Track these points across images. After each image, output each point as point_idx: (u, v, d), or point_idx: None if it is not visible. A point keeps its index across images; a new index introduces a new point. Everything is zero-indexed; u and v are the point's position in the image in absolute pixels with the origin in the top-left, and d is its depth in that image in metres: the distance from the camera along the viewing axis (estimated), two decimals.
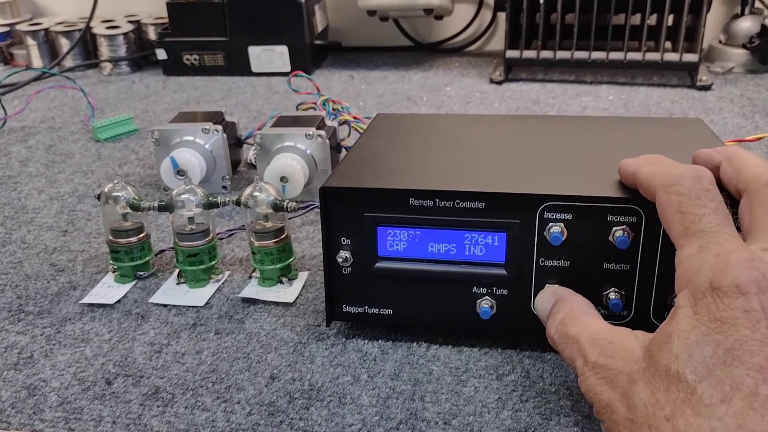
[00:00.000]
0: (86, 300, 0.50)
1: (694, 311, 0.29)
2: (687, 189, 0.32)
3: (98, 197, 0.52)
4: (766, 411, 0.26)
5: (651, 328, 0.32)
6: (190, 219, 0.51)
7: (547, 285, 0.40)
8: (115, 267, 0.52)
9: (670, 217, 0.32)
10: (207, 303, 0.49)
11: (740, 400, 0.26)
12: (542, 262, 0.40)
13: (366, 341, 0.44)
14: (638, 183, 0.36)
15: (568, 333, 0.35)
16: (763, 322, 0.27)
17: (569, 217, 0.38)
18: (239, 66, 1.13)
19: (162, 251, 0.56)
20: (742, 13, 1.08)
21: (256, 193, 0.49)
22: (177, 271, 0.52)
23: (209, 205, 0.51)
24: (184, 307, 0.49)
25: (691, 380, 0.27)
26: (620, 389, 0.30)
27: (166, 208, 0.50)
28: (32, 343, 0.45)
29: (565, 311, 0.36)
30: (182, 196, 0.50)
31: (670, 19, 1.01)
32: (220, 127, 0.66)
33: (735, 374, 0.26)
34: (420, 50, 1.26)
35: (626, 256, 0.38)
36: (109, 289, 0.51)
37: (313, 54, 1.15)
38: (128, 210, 0.51)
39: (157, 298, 0.50)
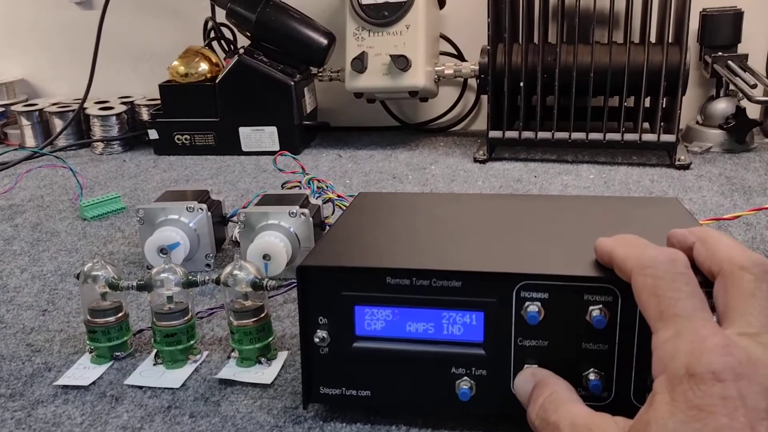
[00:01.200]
0: (60, 382, 0.49)
1: (671, 397, 0.28)
2: (662, 272, 0.32)
3: (77, 276, 0.51)
4: None
5: (632, 409, 0.32)
6: (169, 298, 0.50)
7: (525, 366, 0.39)
8: (92, 347, 0.52)
9: (646, 300, 0.32)
10: (183, 384, 0.48)
11: None
12: (520, 341, 0.39)
13: (344, 424, 0.43)
14: (614, 263, 0.36)
15: (548, 419, 0.34)
16: (741, 410, 0.27)
17: (546, 296, 0.38)
18: (229, 145, 1.15)
19: (141, 331, 0.55)
20: (718, 95, 1.11)
21: (235, 272, 0.49)
22: (154, 351, 0.51)
23: (188, 284, 0.50)
24: (160, 389, 0.48)
25: None
26: None
27: (145, 287, 0.50)
28: (1, 428, 0.44)
29: (546, 395, 0.36)
30: (161, 275, 0.50)
31: (647, 101, 1.04)
32: (204, 206, 0.67)
33: None
34: (406, 130, 1.29)
35: (604, 336, 0.38)
36: (84, 371, 0.50)
37: (302, 134, 1.18)
38: (107, 289, 0.51)
39: (132, 379, 0.49)
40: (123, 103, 1.27)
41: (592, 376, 0.38)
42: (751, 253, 0.34)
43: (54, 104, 1.29)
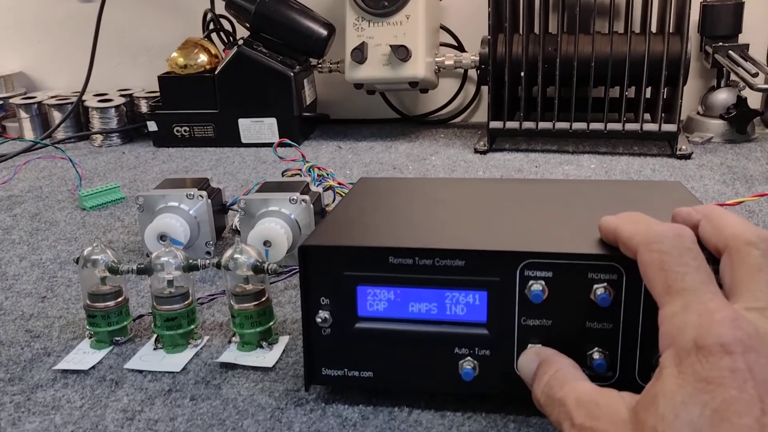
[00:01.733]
0: (60, 366, 0.49)
1: (679, 371, 0.28)
2: (669, 247, 0.32)
3: (77, 261, 0.51)
4: None
5: (637, 389, 0.31)
6: (169, 282, 0.50)
7: (529, 346, 0.39)
8: (92, 332, 0.51)
9: (653, 275, 0.32)
10: (184, 368, 0.48)
11: None
12: (524, 321, 0.39)
13: (346, 406, 0.42)
14: (619, 240, 0.36)
15: (554, 395, 0.34)
16: (750, 382, 0.26)
17: (550, 275, 0.38)
18: (229, 137, 1.15)
19: (140, 316, 0.55)
20: (719, 86, 1.11)
21: (236, 255, 0.49)
22: (155, 336, 0.51)
23: (189, 268, 0.50)
24: (160, 372, 0.47)
25: None
26: None
27: (145, 271, 0.50)
28: (0, 411, 0.44)
29: (551, 373, 0.35)
30: (162, 258, 0.50)
31: (648, 92, 1.04)
32: (204, 193, 0.66)
33: None
34: (406, 122, 1.29)
35: (608, 315, 0.38)
36: (84, 355, 0.50)
37: (302, 125, 1.17)
38: (107, 273, 0.51)
39: (132, 363, 0.48)
40: (122, 95, 1.27)
41: (596, 355, 0.38)
42: (757, 228, 0.33)
43: (53, 97, 1.28)
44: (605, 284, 0.37)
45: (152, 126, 1.17)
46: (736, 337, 0.27)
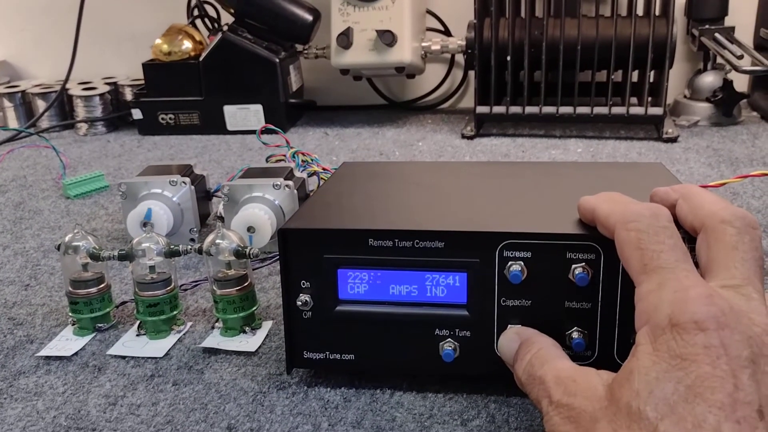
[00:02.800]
0: (42, 353, 0.48)
1: (653, 348, 0.28)
2: (645, 226, 0.32)
3: (58, 247, 0.51)
4: None
5: (615, 368, 0.31)
6: (151, 268, 0.50)
7: (509, 326, 0.39)
8: (75, 319, 0.51)
9: (629, 253, 0.32)
10: (167, 354, 0.48)
11: None
12: (504, 302, 0.39)
13: (328, 389, 0.42)
14: (597, 220, 0.36)
15: (535, 374, 0.34)
16: (723, 358, 0.27)
17: (528, 255, 0.38)
18: (214, 125, 1.14)
19: (123, 303, 0.55)
20: (705, 69, 1.11)
21: (218, 241, 0.49)
22: (138, 322, 0.51)
23: (171, 254, 0.50)
24: (143, 358, 0.47)
25: (653, 417, 0.27)
26: (583, 428, 0.29)
27: (127, 257, 0.50)
28: None
29: (533, 352, 0.36)
30: (143, 244, 0.49)
31: (634, 75, 1.04)
32: (188, 179, 0.66)
33: (697, 411, 0.26)
34: (393, 108, 1.28)
35: (586, 294, 0.38)
36: (67, 342, 0.50)
37: (288, 112, 1.17)
38: (88, 260, 0.50)
39: (115, 349, 0.48)
40: (106, 83, 1.26)
41: (575, 335, 0.38)
42: (733, 207, 0.33)
43: (36, 86, 1.27)
44: (583, 264, 0.37)
45: (137, 114, 1.16)
46: (710, 314, 0.27)
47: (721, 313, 0.28)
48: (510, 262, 0.38)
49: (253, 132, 1.12)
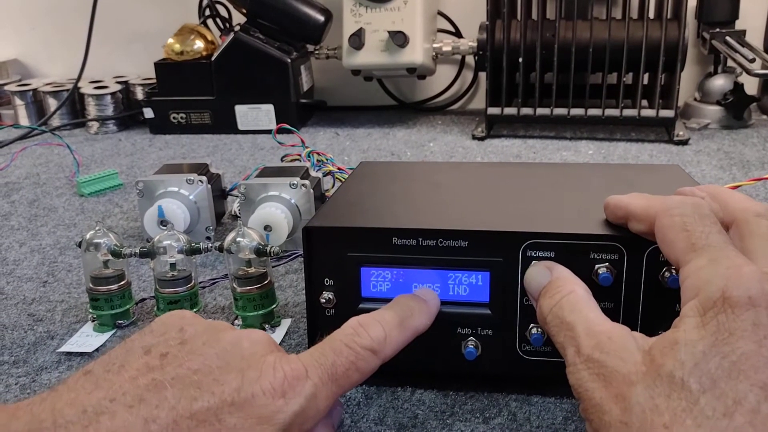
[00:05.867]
0: (63, 349, 0.49)
1: (702, 321, 0.28)
2: (690, 211, 0.32)
3: (79, 245, 0.51)
4: (766, 429, 0.25)
5: None
6: (172, 266, 0.50)
7: (534, 263, 0.38)
8: (95, 316, 0.51)
9: (674, 235, 0.32)
10: None
11: (742, 416, 0.25)
12: (527, 301, 0.39)
13: None
14: (632, 214, 0.36)
15: (564, 317, 0.33)
16: None
17: (552, 255, 0.38)
18: (226, 124, 1.15)
19: (143, 300, 0.55)
20: (716, 72, 1.11)
21: (238, 239, 0.49)
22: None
23: (191, 252, 0.50)
24: None
25: (695, 390, 0.26)
26: (615, 389, 0.29)
27: (148, 254, 0.50)
28: (6, 392, 0.44)
29: (565, 293, 0.34)
30: (164, 242, 0.50)
31: (645, 78, 1.04)
32: (204, 178, 0.66)
33: (739, 389, 0.26)
34: (404, 109, 1.29)
35: (610, 294, 0.38)
36: (87, 338, 0.50)
37: (299, 112, 1.17)
38: (109, 257, 0.51)
39: None
40: (118, 82, 1.26)
41: None
42: (762, 203, 0.34)
43: (48, 84, 1.28)
44: (607, 264, 0.38)
45: (148, 113, 1.17)
46: (763, 291, 0.27)
47: None
48: (534, 262, 0.38)
49: (264, 131, 1.13)
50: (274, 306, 0.50)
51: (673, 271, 0.37)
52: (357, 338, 0.35)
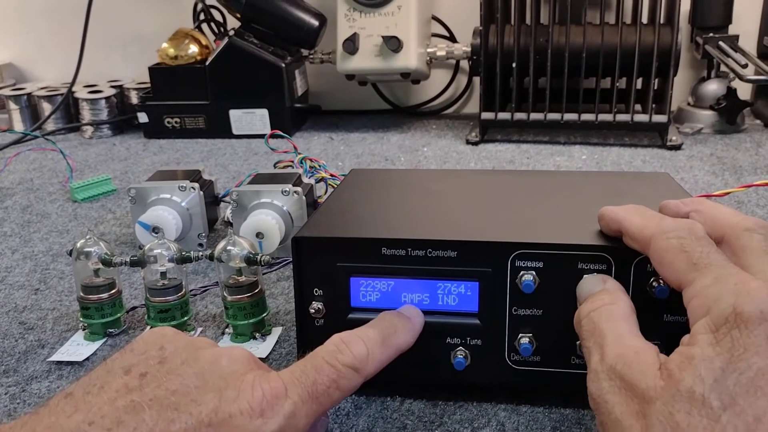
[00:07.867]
0: (54, 358, 0.49)
1: (715, 338, 0.28)
2: (686, 234, 0.32)
3: (70, 253, 0.51)
4: None
5: None
6: (163, 274, 0.50)
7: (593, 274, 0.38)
8: (86, 324, 0.51)
9: (673, 257, 0.32)
10: None
11: None
12: (515, 311, 0.40)
13: None
14: (626, 231, 0.36)
15: (598, 324, 0.33)
16: None
17: (540, 265, 0.39)
18: (220, 128, 1.15)
19: (134, 308, 0.55)
20: (709, 77, 1.12)
21: (229, 247, 0.49)
22: (148, 327, 0.51)
23: (182, 260, 0.50)
24: None
25: (717, 407, 0.26)
26: (635, 405, 0.28)
27: (138, 263, 0.50)
28: None
29: (607, 303, 0.34)
30: (155, 251, 0.50)
31: (639, 83, 1.04)
32: (196, 185, 0.66)
33: (758, 405, 0.26)
34: (398, 113, 1.29)
35: None
36: (78, 347, 0.50)
37: (293, 117, 1.17)
38: (100, 266, 0.51)
39: None
40: (112, 86, 1.26)
41: None
42: (750, 216, 0.34)
43: (42, 88, 1.28)
44: (595, 274, 0.38)
45: (143, 117, 1.16)
46: None
47: None
48: (522, 272, 0.38)
49: (258, 136, 1.12)
50: (265, 314, 0.50)
51: (661, 282, 0.37)
52: (339, 355, 0.35)
